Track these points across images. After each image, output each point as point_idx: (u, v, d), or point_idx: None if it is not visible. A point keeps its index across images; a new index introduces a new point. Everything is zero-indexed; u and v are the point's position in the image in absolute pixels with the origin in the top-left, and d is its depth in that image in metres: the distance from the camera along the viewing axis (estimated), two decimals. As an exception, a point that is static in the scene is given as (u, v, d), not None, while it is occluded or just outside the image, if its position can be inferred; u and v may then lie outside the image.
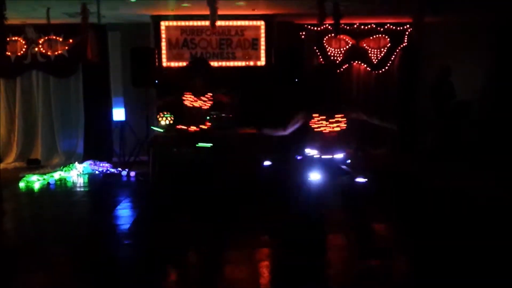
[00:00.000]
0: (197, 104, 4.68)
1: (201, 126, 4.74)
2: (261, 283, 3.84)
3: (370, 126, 4.55)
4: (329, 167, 4.09)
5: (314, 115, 4.04)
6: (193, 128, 4.74)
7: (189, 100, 4.76)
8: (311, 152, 4.17)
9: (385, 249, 4.45)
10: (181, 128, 4.78)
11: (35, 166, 8.74)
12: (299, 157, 4.34)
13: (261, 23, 8.86)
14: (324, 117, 4.02)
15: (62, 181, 7.76)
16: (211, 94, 4.69)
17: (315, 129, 4.06)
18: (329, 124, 4.01)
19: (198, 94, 4.69)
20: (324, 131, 4.03)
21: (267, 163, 7.27)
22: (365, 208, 4.99)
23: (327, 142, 4.07)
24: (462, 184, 6.80)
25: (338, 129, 4.05)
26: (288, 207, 5.14)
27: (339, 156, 4.13)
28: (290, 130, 4.34)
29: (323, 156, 4.11)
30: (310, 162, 4.16)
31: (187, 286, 3.84)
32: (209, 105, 4.73)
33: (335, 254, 4.46)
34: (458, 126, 8.81)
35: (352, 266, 4.14)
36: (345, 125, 4.11)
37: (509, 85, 9.38)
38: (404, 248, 4.55)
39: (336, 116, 4.01)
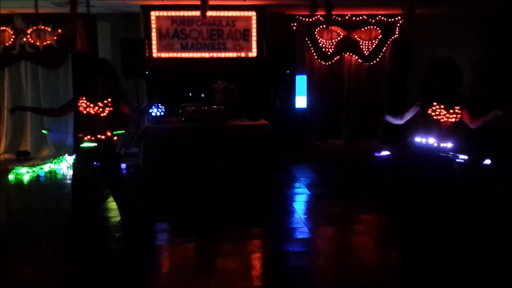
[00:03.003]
0: (92, 111, 4.18)
1: (98, 135, 4.18)
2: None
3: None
4: (440, 155, 4.10)
5: (434, 102, 4.06)
6: (91, 137, 4.17)
7: (82, 106, 4.17)
8: (423, 140, 4.18)
9: None
10: (79, 138, 4.24)
11: (24, 158, 8.65)
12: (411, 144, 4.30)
13: (253, 14, 8.80)
14: (443, 106, 4.05)
15: (51, 173, 7.70)
16: (110, 100, 4.18)
17: (433, 117, 4.08)
18: (447, 114, 4.03)
19: (94, 100, 4.16)
20: (441, 120, 4.06)
21: (384, 153, 8.36)
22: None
23: (442, 131, 4.09)
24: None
25: (453, 120, 4.07)
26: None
27: (451, 145, 4.13)
28: (406, 118, 4.35)
29: (438, 145, 4.12)
30: (423, 149, 4.16)
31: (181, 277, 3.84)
32: (108, 112, 4.24)
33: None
34: None
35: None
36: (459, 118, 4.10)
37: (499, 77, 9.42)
38: None
39: (455, 107, 4.03)
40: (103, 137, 4.20)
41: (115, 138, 4.29)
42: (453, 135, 4.11)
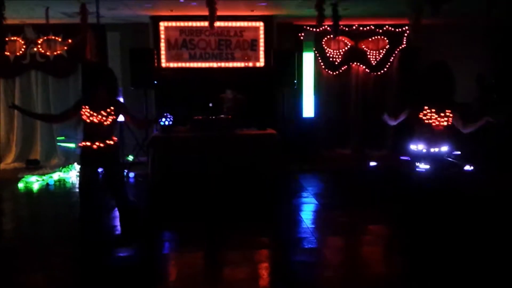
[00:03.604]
0: (96, 119, 4.26)
1: (107, 141, 4.34)
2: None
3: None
4: (436, 160, 4.10)
5: (425, 106, 4.07)
6: (97, 144, 4.29)
7: (86, 115, 4.26)
8: (417, 147, 4.19)
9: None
10: (85, 145, 4.34)
11: (34, 167, 8.73)
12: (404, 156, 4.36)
13: (260, 24, 8.87)
14: (434, 110, 4.06)
15: (61, 182, 7.76)
16: (113, 108, 4.31)
17: (425, 121, 4.09)
18: (438, 117, 4.04)
19: (97, 109, 4.25)
20: (432, 124, 4.06)
21: (373, 163, 8.63)
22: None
23: (434, 135, 4.10)
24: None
25: (445, 124, 4.07)
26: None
27: (445, 149, 4.13)
28: (399, 119, 4.38)
29: (430, 150, 4.12)
30: (417, 156, 4.18)
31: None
32: (111, 120, 4.30)
33: None
34: None
35: None
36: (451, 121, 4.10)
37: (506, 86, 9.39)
38: None
39: (446, 111, 4.04)
40: (105, 142, 4.35)
41: (116, 139, 4.47)
42: (445, 138, 4.11)
